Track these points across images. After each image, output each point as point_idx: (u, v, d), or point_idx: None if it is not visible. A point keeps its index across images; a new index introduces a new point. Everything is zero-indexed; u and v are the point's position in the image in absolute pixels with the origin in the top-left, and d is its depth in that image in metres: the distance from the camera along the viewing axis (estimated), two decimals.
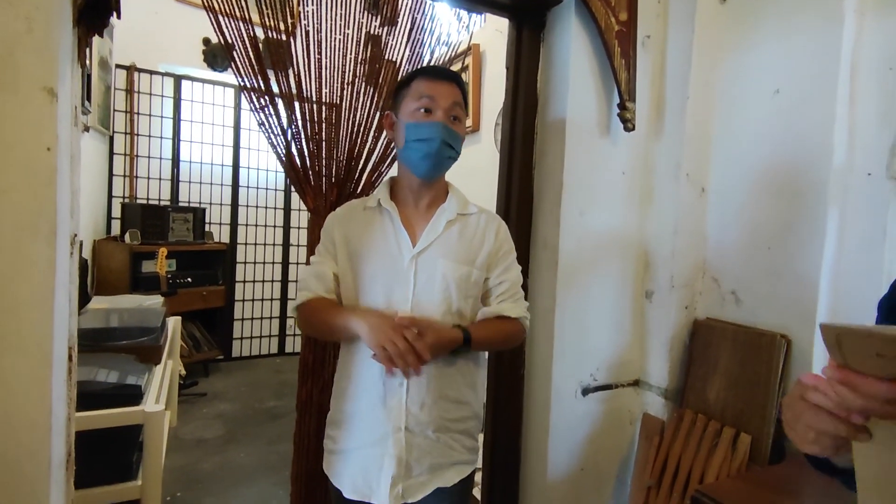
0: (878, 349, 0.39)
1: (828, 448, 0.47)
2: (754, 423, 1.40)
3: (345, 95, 1.53)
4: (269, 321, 4.33)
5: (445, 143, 1.05)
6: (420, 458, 1.05)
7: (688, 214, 1.60)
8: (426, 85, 1.06)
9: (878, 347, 0.39)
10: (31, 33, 0.85)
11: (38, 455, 0.86)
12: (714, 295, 1.61)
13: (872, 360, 0.40)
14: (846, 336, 0.41)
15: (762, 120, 1.49)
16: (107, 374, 1.70)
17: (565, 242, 1.56)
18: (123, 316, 2.32)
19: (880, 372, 0.40)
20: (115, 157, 3.58)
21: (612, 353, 1.68)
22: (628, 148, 1.64)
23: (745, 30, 1.54)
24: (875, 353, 0.40)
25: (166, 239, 3.43)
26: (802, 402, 0.47)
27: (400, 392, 1.04)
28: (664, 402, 1.63)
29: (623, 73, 1.53)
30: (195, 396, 3.37)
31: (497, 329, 1.10)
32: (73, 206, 0.99)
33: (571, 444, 1.63)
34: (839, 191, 1.32)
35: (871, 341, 0.40)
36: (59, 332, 0.92)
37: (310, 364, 1.54)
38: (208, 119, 3.97)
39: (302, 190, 1.53)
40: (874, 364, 0.40)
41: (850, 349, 0.42)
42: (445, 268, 1.06)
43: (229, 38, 1.38)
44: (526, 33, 1.62)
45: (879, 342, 0.39)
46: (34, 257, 0.85)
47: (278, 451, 2.69)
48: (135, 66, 3.62)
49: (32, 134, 0.85)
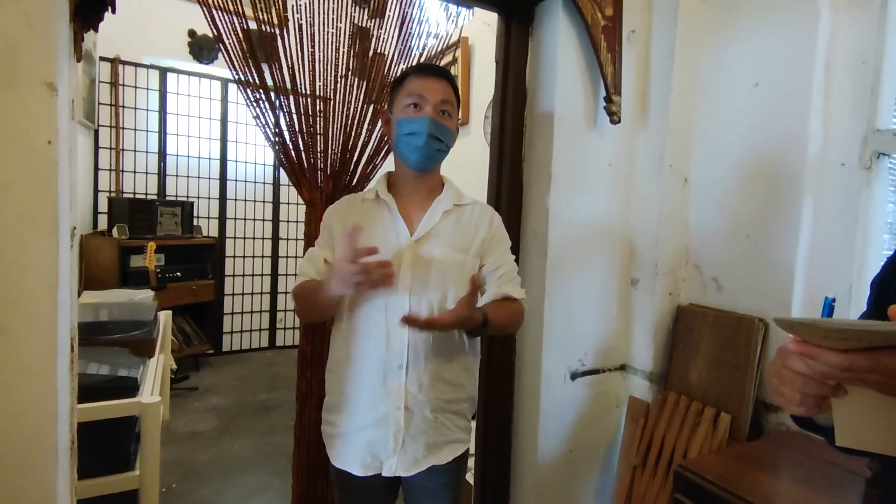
0: (823, 334, 0.48)
1: (812, 408, 0.53)
2: (734, 402, 1.47)
3: (338, 88, 1.55)
4: (260, 315, 4.33)
5: (433, 137, 1.09)
6: (417, 436, 1.09)
7: (671, 204, 1.66)
8: (417, 82, 1.11)
9: (822, 333, 0.48)
10: (30, 28, 0.86)
11: (46, 441, 0.89)
12: (696, 281, 1.67)
13: (823, 340, 0.48)
14: (796, 326, 0.49)
15: (742, 112, 1.54)
16: (103, 367, 1.72)
17: (554, 232, 1.61)
18: (115, 310, 2.32)
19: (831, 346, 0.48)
20: (100, 150, 3.55)
21: (600, 339, 1.74)
22: (614, 140, 1.69)
23: (726, 25, 1.59)
24: (822, 336, 0.48)
25: (154, 233, 3.41)
26: (786, 370, 0.53)
27: (399, 374, 1.08)
28: (649, 385, 1.70)
29: (609, 66, 1.57)
30: (187, 391, 3.38)
31: (506, 310, 1.13)
32: (72, 199, 1.01)
33: (560, 427, 1.69)
34: (814, 181, 1.38)
35: (815, 328, 0.48)
36: (63, 322, 0.94)
37: (308, 355, 1.57)
38: (195, 112, 3.94)
39: (298, 182, 1.55)
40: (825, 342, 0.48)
41: (802, 333, 0.50)
42: (442, 256, 1.10)
43: (223, 32, 1.39)
44: (515, 27, 1.65)
45: (822, 329, 0.47)
46: (38, 249, 0.87)
47: (273, 443, 2.72)
48: (119, 58, 3.58)
49: (34, 128, 0.87)
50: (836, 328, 0.46)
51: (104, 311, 2.32)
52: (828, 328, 0.46)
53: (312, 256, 1.16)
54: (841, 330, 0.46)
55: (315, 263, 1.14)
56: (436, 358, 1.10)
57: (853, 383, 0.49)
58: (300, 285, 1.13)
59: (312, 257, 1.16)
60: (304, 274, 1.14)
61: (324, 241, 1.17)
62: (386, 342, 1.08)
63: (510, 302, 1.15)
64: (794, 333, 0.50)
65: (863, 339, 0.45)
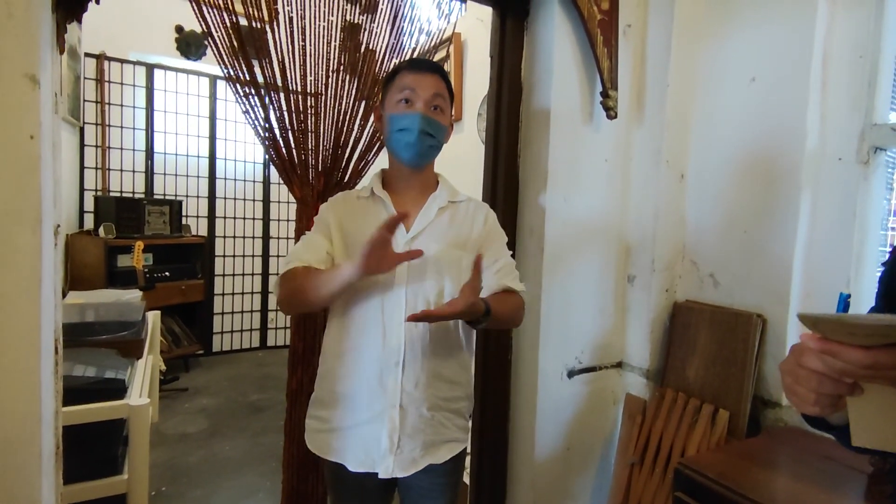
0: (849, 330, 0.46)
1: (827, 407, 0.51)
2: (732, 399, 1.46)
3: (329, 84, 1.52)
4: (251, 315, 4.28)
5: (424, 132, 1.07)
6: (413, 435, 1.07)
7: (668, 200, 1.65)
8: (408, 77, 1.09)
9: (848, 329, 0.46)
10: (11, 18, 0.83)
11: (30, 445, 0.86)
12: (693, 277, 1.67)
13: (847, 337, 0.46)
14: (821, 322, 0.48)
15: (739, 107, 1.53)
16: (89, 369, 1.67)
17: (550, 229, 1.59)
18: (102, 310, 2.27)
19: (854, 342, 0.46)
20: (86, 148, 3.48)
21: (596, 336, 1.73)
22: (611, 135, 1.68)
23: (722, 19, 1.58)
24: (847, 333, 0.46)
25: (142, 232, 3.36)
26: (801, 368, 0.51)
27: (396, 371, 1.06)
28: (646, 382, 1.69)
29: (605, 61, 1.56)
30: (176, 392, 3.33)
31: (507, 303, 1.11)
32: (55, 196, 0.98)
33: (558, 424, 1.68)
34: (812, 175, 1.38)
35: (841, 324, 0.46)
36: (46, 322, 0.91)
37: (300, 352, 1.54)
38: (183, 109, 3.88)
39: (289, 179, 1.52)
40: (849, 339, 0.46)
41: (826, 329, 0.48)
42: (438, 252, 1.08)
43: (212, 27, 1.36)
44: (510, 22, 1.63)
45: (849, 325, 0.46)
46: (20, 246, 0.84)
47: (264, 443, 2.68)
48: (105, 54, 3.51)
49: (15, 122, 0.84)
50: (863, 324, 0.44)
51: (91, 312, 2.27)
52: (854, 324, 0.45)
53: (312, 243, 1.11)
54: (868, 326, 0.44)
55: (316, 251, 1.09)
56: (433, 355, 1.08)
57: (874, 381, 0.48)
58: (294, 269, 1.06)
59: (312, 244, 1.10)
60: (299, 259, 1.07)
61: (321, 233, 1.13)
62: (382, 339, 1.06)
63: (511, 294, 1.13)
64: (817, 330, 0.48)
65: (891, 335, 0.44)
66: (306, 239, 1.13)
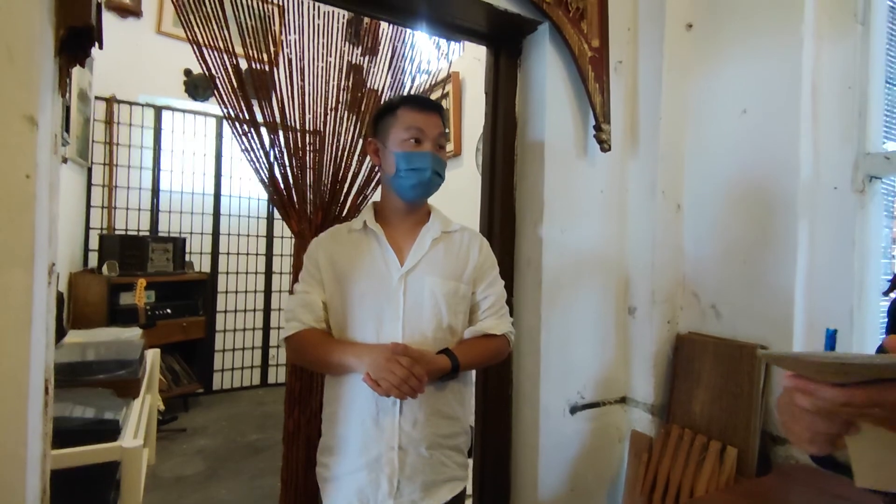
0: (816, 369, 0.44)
1: (824, 445, 0.49)
2: (739, 435, 1.42)
3: (328, 122, 1.55)
4: (252, 352, 4.24)
5: (435, 172, 1.10)
6: (413, 477, 1.04)
7: (665, 230, 1.64)
8: (415, 116, 1.10)
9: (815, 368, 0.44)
10: (12, 62, 0.85)
11: (13, 490, 0.83)
12: (695, 309, 1.64)
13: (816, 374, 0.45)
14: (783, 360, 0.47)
15: (732, 138, 1.55)
16: (83, 410, 1.64)
17: (548, 260, 1.58)
18: (100, 349, 2.25)
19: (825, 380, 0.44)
20: (93, 188, 3.54)
21: (598, 370, 1.69)
22: (605, 167, 1.69)
23: (711, 54, 1.61)
24: (815, 370, 0.45)
25: (145, 270, 3.37)
26: (794, 406, 0.50)
27: (393, 411, 1.04)
28: (651, 418, 1.64)
29: (597, 96, 1.59)
30: (175, 432, 3.26)
31: (483, 348, 1.13)
32: (51, 235, 0.98)
33: (561, 463, 1.62)
34: (808, 204, 1.37)
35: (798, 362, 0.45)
36: (36, 363, 0.89)
37: (296, 393, 1.51)
38: (189, 149, 3.96)
39: (286, 214, 1.53)
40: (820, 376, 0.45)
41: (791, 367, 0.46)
42: (434, 284, 1.08)
43: (213, 70, 1.40)
44: (503, 60, 1.67)
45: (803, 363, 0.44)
46: (11, 285, 0.83)
47: (262, 486, 2.60)
48: (114, 97, 3.61)
49: (11, 161, 0.85)
50: (827, 362, 0.43)
51: (91, 351, 2.25)
52: (821, 362, 0.43)
53: (307, 301, 1.11)
54: (832, 364, 0.43)
55: (312, 310, 1.10)
56: (430, 391, 1.06)
57: (857, 419, 0.46)
58: (299, 335, 1.09)
59: (308, 303, 1.11)
60: (299, 321, 1.10)
61: (310, 277, 1.14)
62: None
63: (489, 339, 1.14)
64: (781, 367, 0.47)
65: (850, 373, 0.42)
66: (301, 297, 1.13)
